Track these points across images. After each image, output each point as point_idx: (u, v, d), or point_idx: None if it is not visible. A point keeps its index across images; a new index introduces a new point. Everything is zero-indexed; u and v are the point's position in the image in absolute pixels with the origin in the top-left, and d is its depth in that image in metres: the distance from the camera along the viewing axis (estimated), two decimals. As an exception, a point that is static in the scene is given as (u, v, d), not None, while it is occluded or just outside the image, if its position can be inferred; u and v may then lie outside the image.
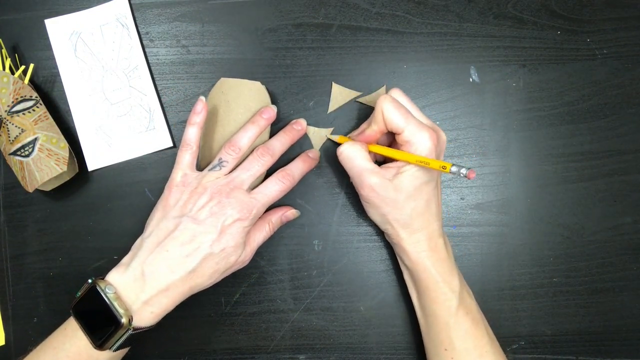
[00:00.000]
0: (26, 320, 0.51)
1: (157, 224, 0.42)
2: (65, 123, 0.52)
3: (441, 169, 0.38)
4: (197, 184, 0.43)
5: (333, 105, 0.51)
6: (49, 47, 0.52)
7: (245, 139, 0.45)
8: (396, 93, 0.44)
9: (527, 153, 0.51)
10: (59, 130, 0.49)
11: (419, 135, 0.41)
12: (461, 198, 0.51)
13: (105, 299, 0.39)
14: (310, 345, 0.50)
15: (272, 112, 0.46)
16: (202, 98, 0.45)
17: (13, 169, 0.49)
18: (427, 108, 0.51)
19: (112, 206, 0.51)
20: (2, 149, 0.49)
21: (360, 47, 0.51)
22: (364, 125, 0.47)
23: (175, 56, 0.52)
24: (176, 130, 0.52)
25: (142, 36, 0.52)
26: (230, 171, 0.44)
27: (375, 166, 0.43)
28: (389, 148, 0.44)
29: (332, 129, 0.51)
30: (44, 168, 0.47)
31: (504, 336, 0.49)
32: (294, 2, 0.52)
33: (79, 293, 0.41)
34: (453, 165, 0.37)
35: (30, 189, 0.47)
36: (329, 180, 0.51)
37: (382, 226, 0.45)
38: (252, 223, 0.43)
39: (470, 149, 0.51)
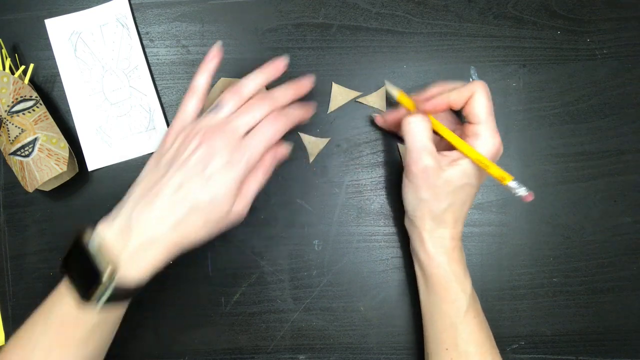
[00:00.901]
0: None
1: (148, 172, 0.40)
2: (65, 123, 0.52)
3: (500, 178, 0.38)
4: (191, 128, 0.40)
5: (333, 105, 0.51)
6: (49, 47, 0.52)
7: (249, 85, 0.41)
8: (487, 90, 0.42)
9: (527, 153, 0.51)
10: (59, 130, 0.49)
11: (491, 136, 0.41)
12: (461, 198, 0.51)
13: (89, 251, 0.36)
14: (310, 345, 0.50)
15: (282, 64, 0.43)
16: (220, 42, 0.43)
17: (13, 169, 0.49)
18: (427, 108, 0.51)
19: (112, 206, 0.51)
20: (2, 149, 0.49)
21: (360, 47, 0.51)
22: (434, 90, 0.45)
23: (175, 56, 0.52)
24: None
25: (142, 36, 0.52)
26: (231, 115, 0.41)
27: (434, 149, 0.42)
28: (451, 133, 0.42)
29: (328, 139, 0.51)
30: (44, 168, 0.47)
31: (504, 336, 0.50)
32: (294, 2, 0.52)
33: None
34: (514, 180, 0.37)
35: (30, 189, 0.47)
36: (329, 180, 0.51)
37: (412, 211, 0.44)
38: (245, 170, 0.39)
39: (470, 149, 0.51)
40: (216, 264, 0.50)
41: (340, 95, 0.51)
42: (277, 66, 0.43)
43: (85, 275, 0.37)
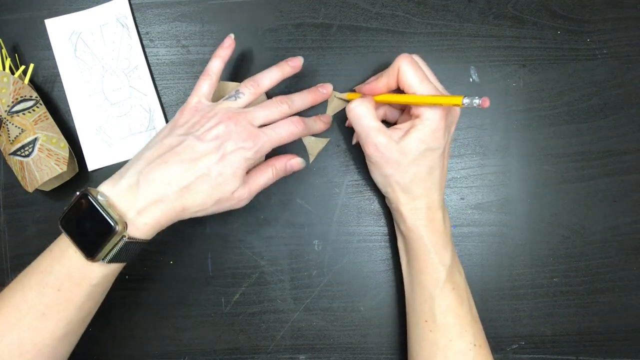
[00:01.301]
0: (26, 320, 0.51)
1: (161, 139, 0.42)
2: (65, 123, 0.52)
3: (455, 104, 0.38)
4: (210, 109, 0.43)
5: (331, 111, 0.51)
6: (49, 47, 0.52)
7: (266, 79, 0.45)
8: (417, 57, 0.44)
9: (527, 153, 0.51)
10: (59, 130, 0.49)
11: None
12: (461, 198, 0.51)
13: (97, 206, 0.37)
14: (310, 345, 0.50)
15: (298, 61, 0.46)
16: (232, 35, 0.46)
17: (13, 169, 0.49)
18: (427, 108, 0.51)
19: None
20: (2, 149, 0.49)
21: (360, 47, 0.51)
22: (372, 79, 0.47)
23: (175, 56, 0.52)
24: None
25: (142, 36, 0.52)
26: (246, 105, 0.44)
27: (382, 126, 0.43)
28: (395, 94, 0.43)
29: (328, 139, 0.51)
30: (44, 168, 0.47)
31: (504, 336, 0.50)
32: (294, 2, 0.52)
33: (67, 207, 0.39)
34: (465, 97, 0.37)
35: (30, 189, 0.47)
36: (329, 180, 0.51)
37: (384, 189, 0.45)
38: (255, 157, 0.42)
39: (470, 149, 0.51)
40: (216, 264, 0.50)
41: (336, 99, 0.51)
42: (294, 64, 0.46)
43: (93, 232, 0.37)
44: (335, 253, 0.50)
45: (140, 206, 0.38)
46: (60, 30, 0.52)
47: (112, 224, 0.37)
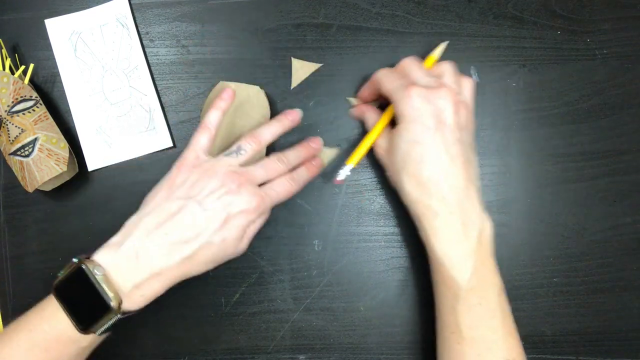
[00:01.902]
0: (26, 320, 0.51)
1: (160, 203, 0.40)
2: (65, 123, 0.52)
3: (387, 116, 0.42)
4: (210, 166, 0.41)
5: (295, 81, 0.51)
6: (49, 47, 0.52)
7: (267, 134, 0.44)
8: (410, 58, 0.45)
9: (527, 153, 0.51)
10: (59, 130, 0.49)
11: (400, 98, 0.41)
12: (461, 198, 0.51)
13: (94, 281, 0.37)
14: (310, 345, 0.50)
15: (297, 115, 0.47)
16: (232, 86, 0.46)
17: (13, 169, 0.49)
18: (427, 108, 0.51)
19: (112, 206, 0.51)
20: (2, 149, 0.49)
21: (360, 47, 0.51)
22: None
23: (175, 56, 0.52)
24: (176, 130, 0.52)
25: (142, 36, 0.52)
26: (246, 161, 0.43)
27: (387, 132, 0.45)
28: (360, 147, 0.46)
29: (339, 149, 0.51)
30: (44, 168, 0.47)
31: (504, 336, 0.49)
32: (294, 2, 0.52)
33: (62, 272, 0.39)
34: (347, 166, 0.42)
35: (30, 189, 0.47)
36: (329, 180, 0.51)
37: (415, 200, 0.41)
38: (256, 218, 0.42)
39: (470, 149, 0.51)
40: (216, 264, 0.50)
41: (301, 69, 0.51)
42: (294, 118, 0.46)
43: (87, 306, 0.37)
44: (335, 253, 0.50)
45: (138, 280, 0.38)
46: (60, 30, 0.52)
47: (109, 302, 0.37)
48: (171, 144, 0.51)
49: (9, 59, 0.50)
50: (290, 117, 0.46)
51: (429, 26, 0.51)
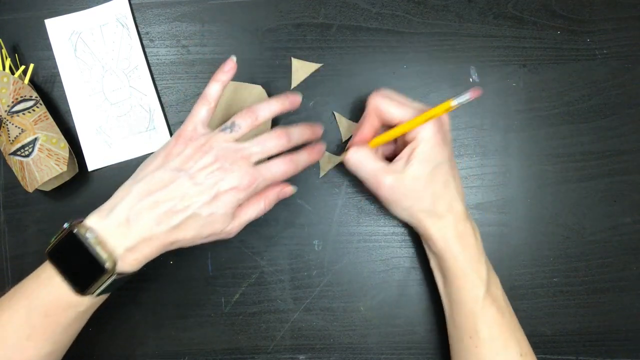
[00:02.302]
0: (26, 320, 0.51)
1: (153, 171, 0.41)
2: (65, 123, 0.52)
3: (447, 109, 0.37)
4: (205, 141, 0.41)
5: (295, 81, 0.51)
6: (49, 47, 0.52)
7: (265, 110, 0.43)
8: (384, 90, 0.44)
9: (527, 153, 0.51)
10: (59, 130, 0.49)
11: (414, 115, 0.41)
12: (461, 198, 0.51)
13: (87, 245, 0.37)
14: (310, 345, 0.50)
15: (297, 99, 0.45)
16: (233, 57, 0.44)
17: (13, 169, 0.49)
18: (427, 108, 0.51)
19: (112, 206, 0.51)
20: (2, 149, 0.49)
21: (360, 47, 0.51)
22: (354, 131, 0.47)
23: (175, 56, 0.52)
24: (176, 131, 0.52)
25: (142, 36, 0.52)
26: (242, 137, 0.42)
27: (386, 163, 0.42)
28: (390, 130, 0.43)
29: (342, 157, 0.50)
30: (44, 168, 0.47)
31: (504, 336, 0.49)
32: (294, 2, 0.52)
33: (54, 238, 0.39)
34: (453, 99, 0.36)
35: (30, 189, 0.47)
36: (329, 180, 0.51)
37: (409, 220, 0.44)
38: (247, 196, 0.41)
39: (470, 149, 0.51)
40: (216, 264, 0.50)
41: (301, 69, 0.51)
42: (293, 100, 0.44)
43: (82, 267, 0.38)
44: (335, 253, 0.50)
45: (129, 244, 0.38)
46: (60, 30, 0.52)
47: (103, 263, 0.37)
48: (171, 144, 0.51)
49: (9, 59, 0.50)
50: (291, 99, 0.44)
51: (429, 26, 0.51)
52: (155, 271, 0.50)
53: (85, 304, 0.39)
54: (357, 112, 0.51)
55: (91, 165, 0.51)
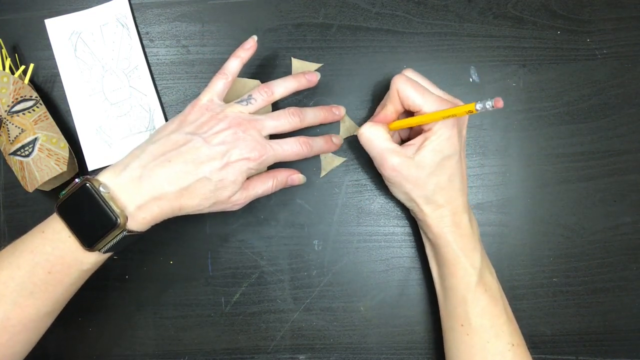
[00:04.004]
0: (26, 320, 0.51)
1: (168, 135, 0.41)
2: (65, 123, 0.52)
3: (469, 112, 0.37)
4: (220, 110, 0.42)
5: None
6: (49, 47, 0.52)
7: (281, 87, 0.45)
8: (410, 72, 0.44)
9: (527, 153, 0.51)
10: (59, 130, 0.49)
11: (438, 108, 0.41)
12: (461, 198, 0.51)
13: (99, 199, 0.38)
14: (310, 345, 0.50)
15: (315, 77, 0.47)
16: (254, 36, 0.46)
17: (13, 169, 0.49)
18: (427, 108, 0.51)
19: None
20: (2, 149, 0.49)
21: (360, 47, 0.51)
22: (378, 109, 0.47)
23: (175, 56, 0.52)
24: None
25: (142, 36, 0.52)
26: (256, 111, 0.44)
27: (396, 146, 0.43)
28: (410, 118, 0.43)
29: (345, 159, 0.51)
30: (44, 168, 0.47)
31: (504, 336, 0.49)
32: (294, 2, 0.52)
33: (64, 192, 0.39)
34: (477, 103, 0.36)
35: (30, 189, 0.47)
36: (329, 180, 0.51)
37: (407, 203, 0.46)
38: (257, 167, 0.42)
39: (470, 149, 0.51)
40: (216, 264, 0.50)
41: (301, 69, 0.51)
42: (311, 78, 0.46)
43: (93, 223, 0.38)
44: (335, 253, 0.50)
45: (140, 202, 0.39)
46: (60, 30, 0.52)
47: (115, 218, 0.38)
48: (171, 144, 0.51)
49: (9, 59, 0.50)
50: (309, 77, 0.46)
51: (429, 26, 0.51)
52: (155, 271, 0.51)
53: (90, 262, 0.39)
54: (357, 112, 0.51)
55: (91, 165, 0.51)
